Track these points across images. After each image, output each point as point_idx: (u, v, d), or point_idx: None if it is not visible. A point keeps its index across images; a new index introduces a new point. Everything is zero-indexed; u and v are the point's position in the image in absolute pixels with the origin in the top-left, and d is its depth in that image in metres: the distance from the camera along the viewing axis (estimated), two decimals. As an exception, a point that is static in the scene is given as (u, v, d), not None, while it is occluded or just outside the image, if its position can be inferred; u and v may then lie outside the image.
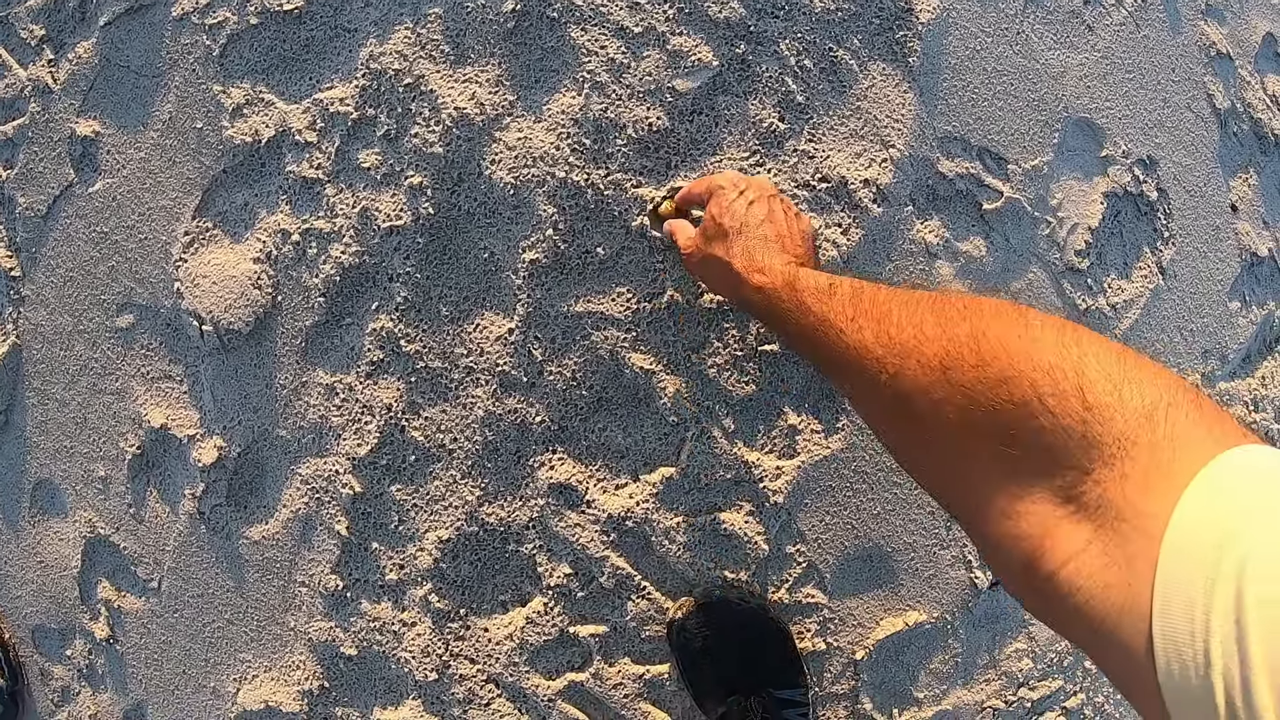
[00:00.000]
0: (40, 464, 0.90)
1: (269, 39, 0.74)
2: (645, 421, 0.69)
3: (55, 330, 0.85)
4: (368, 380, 0.71)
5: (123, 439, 0.82)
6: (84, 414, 0.85)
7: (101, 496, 0.86)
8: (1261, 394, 1.01)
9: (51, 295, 0.85)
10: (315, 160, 0.71)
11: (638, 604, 0.71)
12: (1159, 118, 0.89)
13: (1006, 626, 0.84)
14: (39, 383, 0.87)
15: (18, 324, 0.87)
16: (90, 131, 0.82)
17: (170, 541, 0.83)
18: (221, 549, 0.80)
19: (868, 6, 0.73)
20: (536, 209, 0.67)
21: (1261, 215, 1.00)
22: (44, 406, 0.88)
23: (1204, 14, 0.97)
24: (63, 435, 0.87)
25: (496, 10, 0.69)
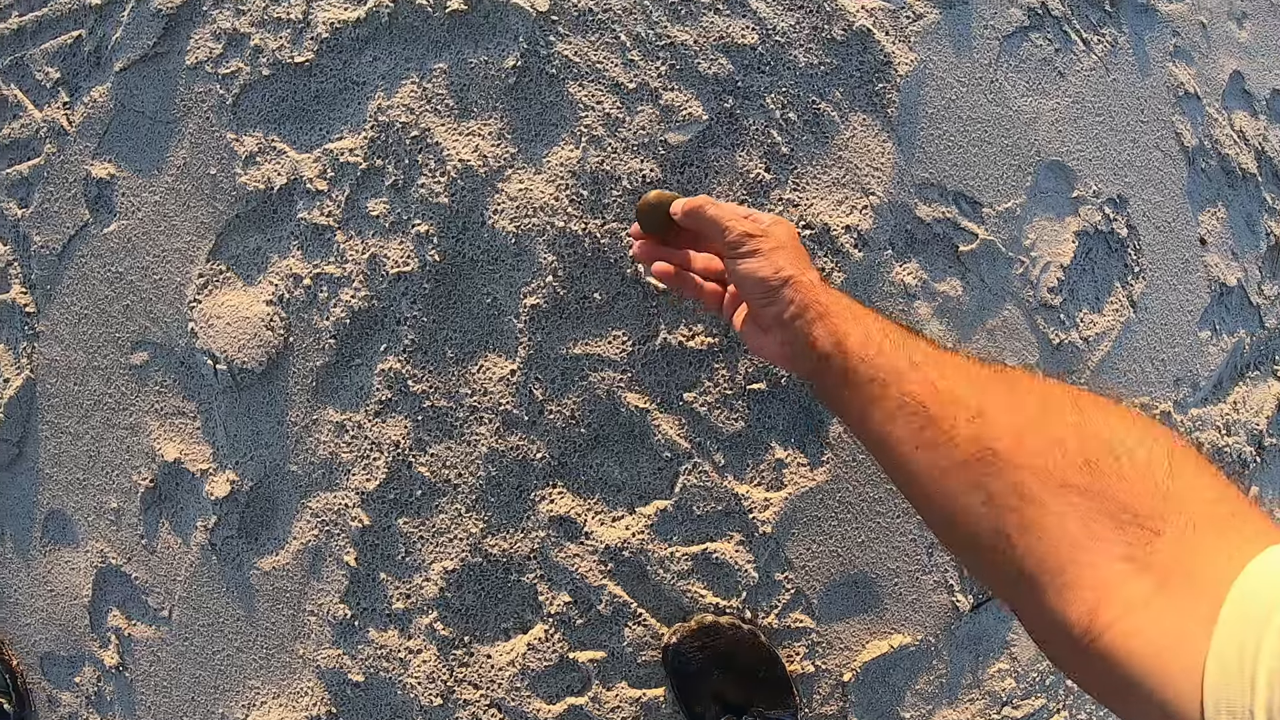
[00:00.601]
0: (53, 495, 0.94)
1: (281, 90, 0.79)
2: (640, 457, 0.74)
3: (70, 366, 0.89)
4: (376, 418, 0.75)
5: (136, 472, 0.87)
6: (97, 448, 0.89)
7: (114, 528, 0.90)
8: (1234, 418, 1.07)
9: (66, 332, 0.89)
10: (326, 208, 0.76)
11: (634, 630, 0.76)
12: (1128, 158, 0.95)
13: (989, 647, 0.89)
14: (53, 416, 0.92)
15: (32, 359, 0.92)
16: (105, 174, 0.86)
17: (182, 571, 0.87)
18: (232, 579, 0.84)
19: (849, 61, 0.79)
20: (537, 257, 0.72)
21: (1230, 247, 1.06)
22: (57, 440, 0.92)
23: (1172, 56, 1.03)
24: (76, 468, 0.91)
25: (498, 66, 0.74)
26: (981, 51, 0.86)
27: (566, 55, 0.74)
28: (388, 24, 0.76)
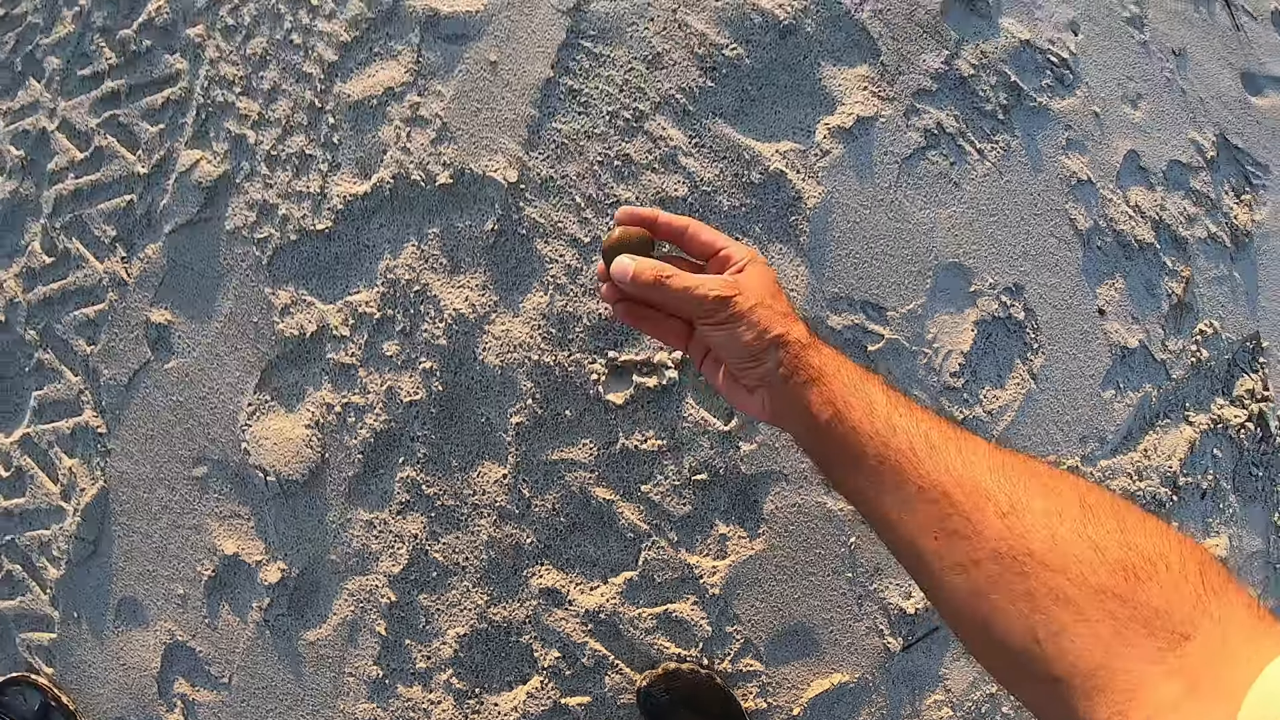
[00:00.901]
0: (125, 585, 1.22)
1: (307, 252, 1.07)
2: (610, 538, 1.01)
3: (139, 477, 1.17)
4: (398, 516, 1.03)
5: (200, 564, 1.14)
6: (165, 544, 1.17)
7: (180, 610, 1.18)
8: (1145, 464, 1.32)
9: (135, 449, 1.17)
10: (349, 349, 1.03)
11: (613, 678, 1.02)
12: (1023, 249, 1.21)
13: (923, 682, 1.15)
14: (125, 519, 1.20)
15: (105, 471, 1.20)
16: (163, 319, 1.15)
17: (240, 644, 1.14)
18: (283, 649, 1.12)
19: (765, 200, 1.06)
20: (519, 384, 0.99)
21: (1130, 312, 1.31)
22: (129, 538, 1.20)
23: (1064, 149, 1.29)
24: (146, 561, 1.19)
25: (480, 229, 1.02)
26: (882, 175, 1.12)
27: (534, 217, 1.01)
28: (390, 196, 1.04)
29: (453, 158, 1.04)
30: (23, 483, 1.28)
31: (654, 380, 0.99)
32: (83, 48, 1.33)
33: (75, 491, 1.22)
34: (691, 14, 1.09)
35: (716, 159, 1.05)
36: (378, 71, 1.10)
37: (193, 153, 1.16)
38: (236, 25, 1.19)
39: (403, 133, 1.06)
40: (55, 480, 1.25)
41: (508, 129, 1.04)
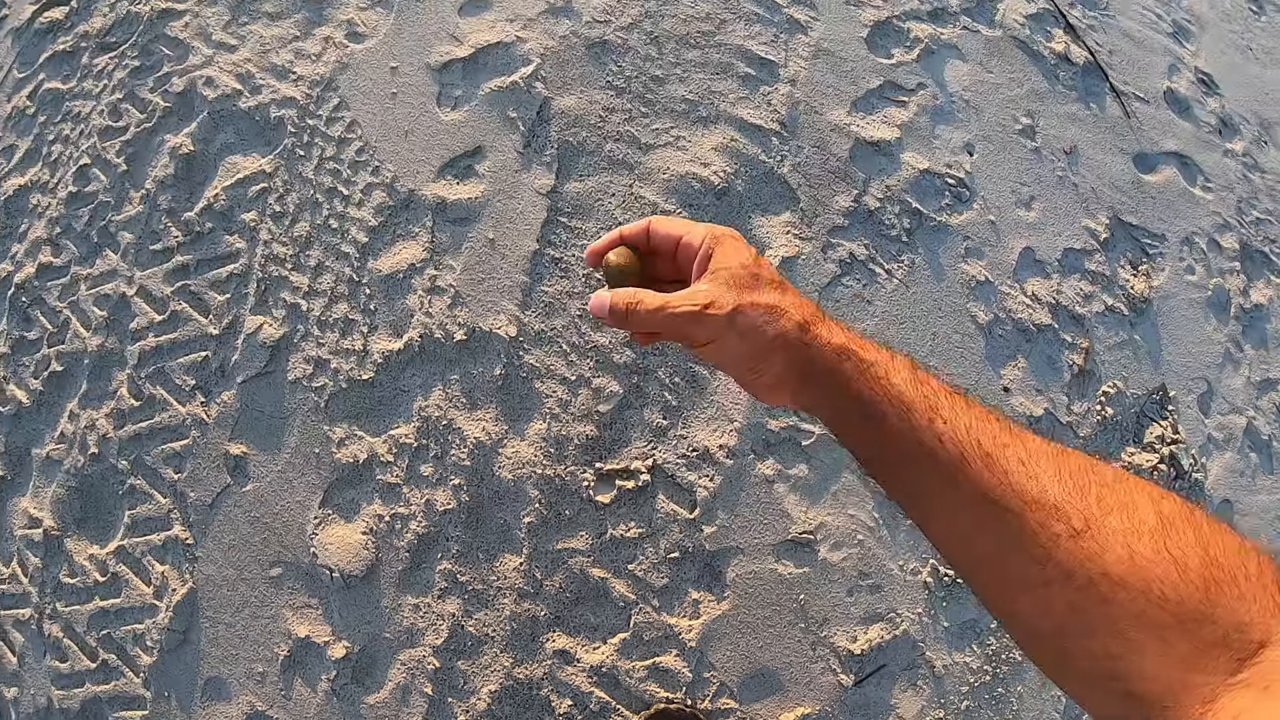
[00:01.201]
0: (211, 667, 1.62)
1: (355, 396, 1.49)
2: (606, 607, 1.41)
3: (223, 579, 1.58)
4: (439, 599, 1.43)
5: (276, 646, 1.54)
6: (246, 632, 1.57)
7: (260, 685, 1.57)
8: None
9: (219, 556, 1.58)
10: (394, 473, 1.44)
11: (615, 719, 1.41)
12: (931, 347, 1.61)
13: (877, 711, 1.53)
14: (211, 613, 1.60)
15: (193, 574, 1.60)
16: (239, 452, 1.56)
17: (311, 710, 1.54)
18: (348, 712, 1.51)
19: (713, 332, 1.47)
20: (527, 493, 1.40)
21: (1034, 386, 1.72)
22: (215, 628, 1.60)
23: (964, 257, 1.71)
24: (230, 646, 1.59)
25: (490, 374, 1.43)
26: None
27: (531, 363, 1.43)
28: (419, 351, 1.46)
29: (465, 319, 1.46)
30: (118, 586, 1.69)
31: (632, 483, 1.40)
32: (152, 226, 1.77)
33: (167, 591, 1.62)
34: (645, 188, 1.52)
35: (671, 302, 1.47)
36: (401, 250, 1.53)
37: (256, 318, 1.59)
38: (283, 212, 1.63)
39: (425, 300, 1.48)
40: (148, 583, 1.66)
41: (507, 293, 1.46)
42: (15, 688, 1.73)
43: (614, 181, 1.56)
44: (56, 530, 1.72)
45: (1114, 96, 2.12)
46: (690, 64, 1.71)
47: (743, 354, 0.57)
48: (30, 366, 1.83)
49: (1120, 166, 2.03)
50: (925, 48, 1.92)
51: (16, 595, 1.76)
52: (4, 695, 1.78)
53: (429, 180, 1.67)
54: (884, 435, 0.52)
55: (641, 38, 1.71)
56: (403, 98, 1.73)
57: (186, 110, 1.86)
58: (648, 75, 1.70)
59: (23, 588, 1.76)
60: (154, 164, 1.83)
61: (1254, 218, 2.17)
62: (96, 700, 1.70)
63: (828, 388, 0.56)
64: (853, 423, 0.55)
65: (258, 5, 1.93)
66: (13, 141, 2.09)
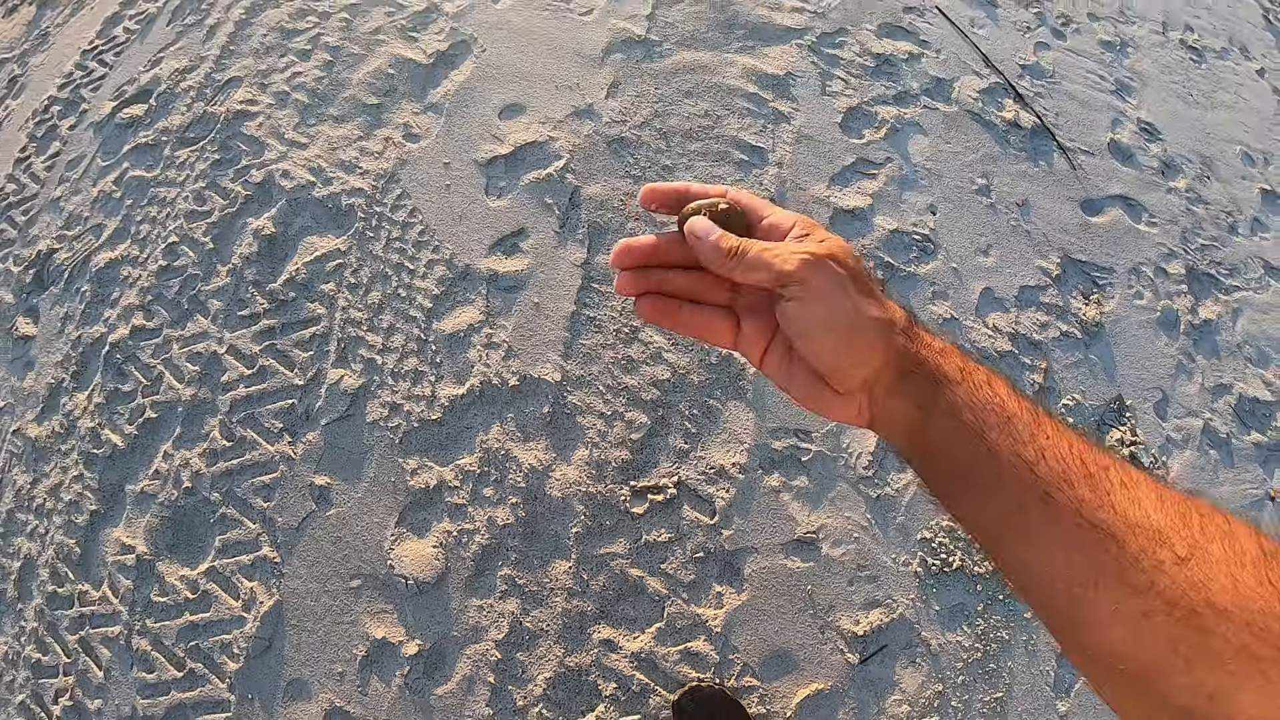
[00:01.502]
0: (293, 670, 2.01)
1: (426, 434, 1.93)
2: (643, 602, 1.82)
3: (307, 591, 1.99)
4: (500, 600, 1.84)
5: (354, 647, 1.94)
6: (327, 637, 1.97)
7: (339, 684, 1.96)
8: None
9: (304, 571, 1.99)
10: (460, 496, 1.88)
11: (654, 699, 1.81)
12: (905, 379, 2.07)
13: (883, 686, 1.92)
14: (295, 621, 2.00)
15: (280, 588, 2.01)
16: (324, 482, 1.99)
17: (385, 703, 1.92)
18: (419, 703, 1.90)
19: (722, 374, 1.93)
20: (574, 508, 1.84)
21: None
22: (299, 635, 2.00)
23: (931, 300, 2.18)
24: (311, 650, 1.99)
25: (540, 412, 1.88)
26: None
27: (574, 402, 1.88)
28: (479, 395, 1.91)
29: (517, 368, 1.92)
30: (207, 601, 2.08)
31: (661, 497, 1.84)
32: (239, 295, 2.23)
33: (255, 604, 2.02)
34: (662, 254, 2.01)
35: (686, 351, 1.94)
36: (461, 313, 1.99)
37: (337, 371, 2.04)
38: (358, 283, 2.09)
39: (483, 354, 1.94)
40: (236, 597, 2.06)
41: (551, 346, 1.92)
42: (100, 699, 2.09)
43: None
44: (149, 555, 2.12)
45: (1061, 153, 2.62)
46: (694, 153, 2.21)
47: (840, 325, 0.55)
48: (125, 414, 2.26)
49: (1068, 212, 2.52)
50: (891, 126, 2.43)
51: (106, 615, 2.14)
52: (88, 708, 2.15)
53: (481, 256, 2.14)
54: (981, 447, 0.51)
55: (652, 134, 2.21)
56: (455, 188, 2.21)
57: (266, 197, 2.34)
58: (659, 165, 2.19)
59: (113, 607, 2.14)
60: (239, 243, 2.30)
61: (1199, 244, 2.57)
62: (181, 706, 2.06)
63: (926, 390, 0.55)
64: (945, 433, 0.53)
65: (324, 109, 2.44)
66: (101, 221, 2.56)
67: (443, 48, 2.48)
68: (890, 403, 0.57)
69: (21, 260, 2.55)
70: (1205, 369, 2.37)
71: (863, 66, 2.46)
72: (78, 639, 2.07)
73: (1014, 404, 0.53)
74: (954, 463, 0.54)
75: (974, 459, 0.52)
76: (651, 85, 2.31)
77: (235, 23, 2.73)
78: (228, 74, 2.60)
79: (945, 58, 2.61)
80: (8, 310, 2.49)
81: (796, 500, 1.90)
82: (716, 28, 2.48)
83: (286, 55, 2.56)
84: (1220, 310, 2.49)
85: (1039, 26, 2.90)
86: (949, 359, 0.56)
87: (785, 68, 2.40)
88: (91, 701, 2.03)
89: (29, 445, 2.29)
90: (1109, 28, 3.06)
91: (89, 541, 2.14)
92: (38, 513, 2.21)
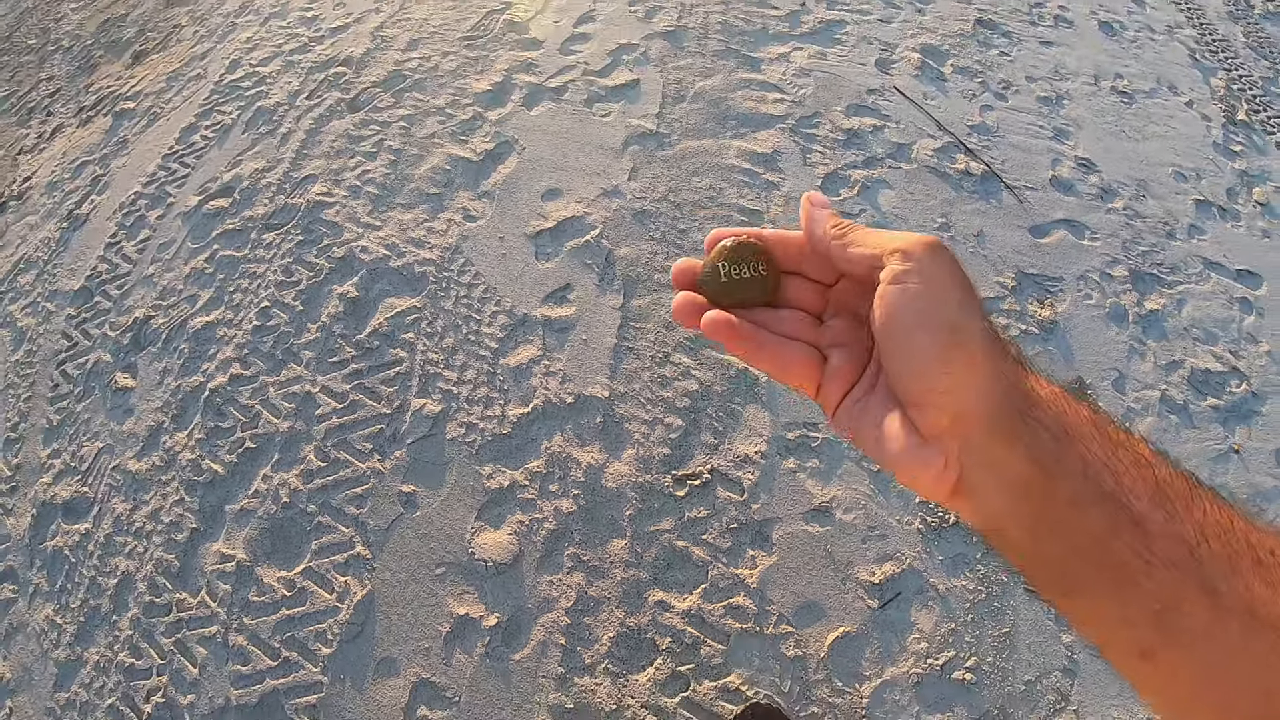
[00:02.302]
0: (383, 649, 2.33)
1: (498, 445, 2.37)
2: (690, 567, 2.23)
3: (396, 581, 2.34)
4: (567, 574, 2.24)
5: (439, 625, 2.29)
6: (415, 618, 2.31)
7: (425, 658, 2.29)
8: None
9: (393, 564, 2.36)
10: (530, 492, 2.30)
11: (705, 649, 2.19)
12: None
13: (901, 628, 2.32)
14: (385, 607, 2.34)
15: (371, 580, 2.36)
16: (410, 490, 2.39)
17: (468, 671, 2.26)
18: (498, 668, 2.24)
19: (740, 383, 2.43)
20: (626, 495, 2.27)
21: (956, 418, 2.69)
22: (388, 619, 2.34)
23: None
24: (400, 631, 2.32)
25: (593, 423, 2.35)
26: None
27: (621, 412, 2.35)
28: (542, 413, 2.37)
29: (572, 389, 2.39)
30: (303, 597, 2.41)
31: (698, 482, 2.28)
32: (329, 346, 2.68)
33: (348, 595, 2.36)
34: (685, 295, 2.54)
35: (711, 368, 2.44)
36: (522, 350, 2.48)
37: (419, 400, 2.48)
38: (433, 332, 2.57)
39: (543, 380, 2.41)
40: (330, 591, 2.39)
41: (599, 372, 2.41)
42: (193, 694, 2.34)
43: (662, 299, 2.57)
44: (248, 561, 2.45)
45: (1008, 191, 3.22)
46: (703, 218, 2.78)
47: (941, 325, 0.46)
48: (225, 446, 2.63)
49: (1019, 237, 3.04)
50: (862, 185, 3.04)
51: (204, 617, 2.42)
52: (180, 703, 2.38)
53: (536, 306, 2.64)
54: (1123, 519, 0.42)
55: (668, 205, 2.79)
56: (510, 255, 2.74)
57: (348, 269, 2.82)
58: (675, 229, 2.76)
59: (210, 610, 2.44)
60: (326, 305, 2.76)
61: (1140, 251, 2.92)
62: (274, 692, 2.33)
63: (1047, 441, 0.44)
64: (1075, 501, 0.43)
65: (392, 199, 2.97)
66: (195, 292, 3.00)
67: (489, 147, 3.07)
68: (995, 451, 0.46)
69: (118, 326, 2.98)
70: (1156, 350, 2.68)
71: (835, 140, 3.10)
72: (173, 641, 2.38)
73: (1164, 468, 0.44)
74: (1081, 540, 0.43)
75: (1111, 536, 0.42)
76: (664, 168, 2.91)
77: (306, 131, 3.31)
78: (304, 172, 3.15)
79: (904, 126, 3.26)
80: (106, 367, 2.90)
81: (811, 478, 2.36)
82: (714, 120, 3.12)
83: (355, 156, 3.13)
84: (1165, 301, 2.81)
85: (984, 92, 3.49)
86: (1071, 404, 0.46)
87: (772, 146, 3.03)
88: (184, 697, 2.30)
89: (128, 478, 2.65)
90: (1045, 85, 3.60)
91: (188, 555, 2.48)
92: (136, 534, 2.55)
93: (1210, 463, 2.49)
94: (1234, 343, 2.79)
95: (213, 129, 3.53)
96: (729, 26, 3.60)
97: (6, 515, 2.76)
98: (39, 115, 4.34)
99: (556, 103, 3.26)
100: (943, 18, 3.83)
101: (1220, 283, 2.96)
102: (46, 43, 4.91)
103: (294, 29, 3.97)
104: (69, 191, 3.65)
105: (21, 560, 2.65)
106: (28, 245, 3.52)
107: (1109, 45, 3.92)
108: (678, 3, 3.74)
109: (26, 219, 3.67)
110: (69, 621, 2.48)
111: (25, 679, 2.45)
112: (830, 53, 3.51)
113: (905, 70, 3.50)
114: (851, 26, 3.67)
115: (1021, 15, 3.97)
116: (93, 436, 2.78)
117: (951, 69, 3.58)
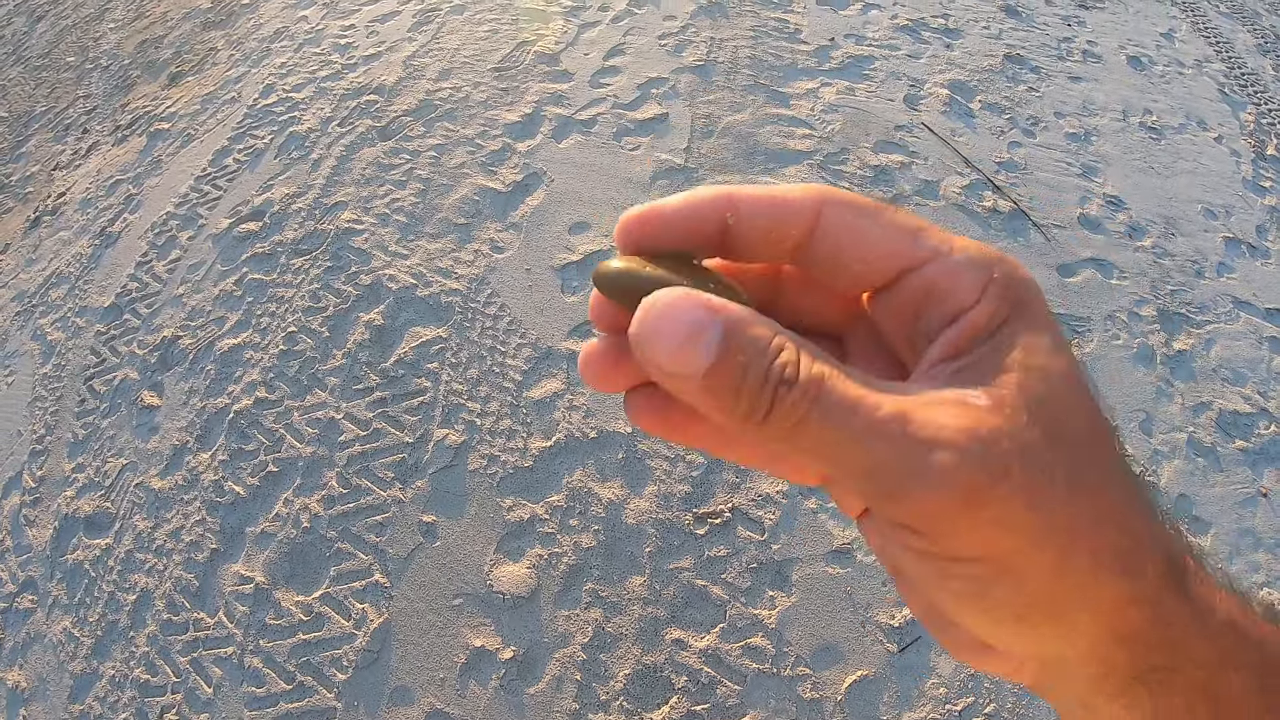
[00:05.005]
0: (398, 678, 2.38)
1: (519, 478, 2.43)
2: (708, 606, 2.27)
3: (414, 610, 2.40)
4: (585, 609, 2.28)
5: (455, 656, 2.33)
6: (430, 648, 2.36)
7: (440, 688, 2.34)
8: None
9: (411, 593, 2.41)
10: (550, 525, 2.35)
11: (720, 690, 2.22)
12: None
13: (920, 673, 2.34)
14: (401, 636, 2.39)
15: (389, 609, 2.42)
16: (430, 519, 2.45)
17: (482, 703, 2.30)
18: (512, 702, 2.28)
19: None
20: (646, 532, 2.32)
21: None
22: (405, 648, 2.39)
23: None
24: (415, 660, 2.37)
25: (615, 458, 2.40)
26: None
27: (643, 448, 2.40)
28: (564, 446, 2.43)
29: (595, 424, 2.44)
30: (320, 622, 2.47)
31: (720, 520, 2.33)
32: (354, 373, 2.76)
33: (365, 622, 2.42)
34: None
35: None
36: (546, 384, 2.54)
37: (442, 430, 2.54)
38: (458, 362, 2.64)
39: (566, 414, 2.47)
40: (348, 618, 2.45)
41: (622, 407, 2.46)
42: (206, 714, 2.39)
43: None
44: (266, 584, 2.52)
45: (1036, 229, 3.26)
46: (727, 255, 2.84)
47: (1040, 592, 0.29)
48: (247, 469, 2.71)
49: (1045, 276, 3.07)
50: None
51: (221, 638, 2.49)
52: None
53: (562, 339, 2.70)
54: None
55: (693, 239, 2.86)
56: (536, 288, 2.81)
57: (374, 297, 2.91)
58: (699, 263, 2.81)
59: (228, 631, 2.50)
60: (352, 332, 2.84)
61: (1168, 290, 2.95)
62: (288, 716, 2.37)
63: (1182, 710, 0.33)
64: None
65: (420, 228, 3.06)
66: (223, 314, 3.09)
67: (518, 179, 3.16)
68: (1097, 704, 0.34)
69: (146, 345, 3.08)
70: (1184, 391, 2.72)
71: (863, 176, 3.16)
72: (189, 660, 2.44)
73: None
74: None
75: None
76: (690, 206, 2.98)
77: (337, 157, 3.42)
78: (334, 198, 3.25)
79: (932, 163, 3.32)
80: (133, 385, 2.99)
81: (832, 518, 2.40)
82: (741, 155, 3.19)
83: (385, 185, 3.22)
84: (1194, 341, 2.82)
85: (1012, 129, 3.53)
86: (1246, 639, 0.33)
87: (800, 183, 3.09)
88: (198, 716, 2.36)
89: (151, 495, 2.73)
90: (1074, 121, 3.64)
91: (207, 575, 2.55)
92: (157, 552, 2.63)
93: (1237, 507, 2.50)
94: (1263, 383, 2.81)
95: (245, 152, 3.65)
96: (758, 61, 3.68)
97: (29, 526, 2.84)
98: (75, 132, 4.49)
99: (585, 135, 3.34)
100: (971, 53, 3.90)
101: (1250, 322, 2.98)
102: (85, 61, 5.08)
103: (327, 55, 4.09)
104: (102, 209, 3.78)
105: (42, 571, 2.73)
106: (60, 260, 3.64)
107: (1137, 80, 3.96)
108: (707, 37, 3.82)
109: (60, 234, 3.80)
110: (86, 634, 2.55)
111: (40, 689, 2.52)
112: (859, 88, 3.58)
113: (933, 106, 3.56)
114: (880, 62, 3.74)
115: (1050, 50, 4.02)
116: (117, 453, 2.87)
117: (980, 105, 3.63)
